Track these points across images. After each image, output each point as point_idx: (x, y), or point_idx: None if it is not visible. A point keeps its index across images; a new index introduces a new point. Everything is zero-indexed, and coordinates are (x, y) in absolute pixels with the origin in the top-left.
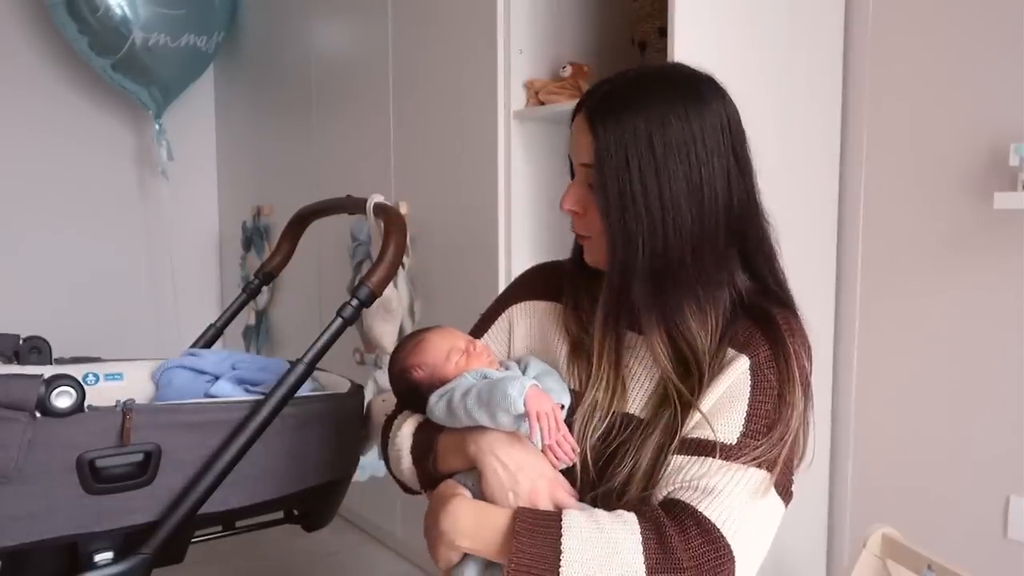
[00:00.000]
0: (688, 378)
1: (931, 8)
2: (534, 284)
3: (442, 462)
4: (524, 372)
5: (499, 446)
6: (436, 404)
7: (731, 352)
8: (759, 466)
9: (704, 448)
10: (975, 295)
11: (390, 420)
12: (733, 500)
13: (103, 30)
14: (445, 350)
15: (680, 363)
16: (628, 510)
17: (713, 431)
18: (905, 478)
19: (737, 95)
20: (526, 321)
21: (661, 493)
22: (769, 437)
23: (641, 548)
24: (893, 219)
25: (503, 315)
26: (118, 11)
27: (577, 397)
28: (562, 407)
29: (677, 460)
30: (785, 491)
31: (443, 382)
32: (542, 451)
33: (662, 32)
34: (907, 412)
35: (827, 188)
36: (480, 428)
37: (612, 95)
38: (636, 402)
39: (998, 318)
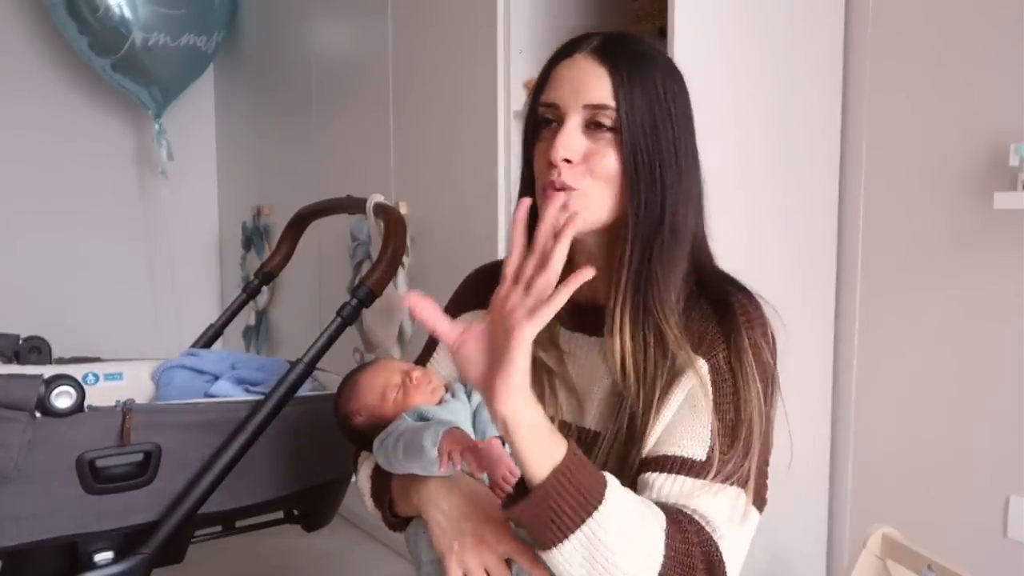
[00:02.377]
0: (641, 381)
1: (931, 8)
2: (479, 292)
3: (398, 507)
4: (470, 394)
5: (440, 496)
6: (377, 452)
7: (686, 353)
8: (733, 483)
9: (672, 465)
10: (975, 295)
11: (355, 459)
12: (720, 526)
13: (103, 30)
14: (379, 390)
15: (635, 361)
16: None
17: (680, 446)
18: (905, 478)
19: (737, 95)
20: None
21: None
22: (735, 450)
23: (664, 532)
24: (893, 219)
25: None
26: (118, 11)
27: None
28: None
29: (646, 477)
30: (760, 499)
31: (385, 423)
32: (491, 488)
33: (662, 32)
34: (907, 412)
35: (827, 188)
36: (421, 476)
37: (624, 41)
38: (592, 413)
39: (998, 318)
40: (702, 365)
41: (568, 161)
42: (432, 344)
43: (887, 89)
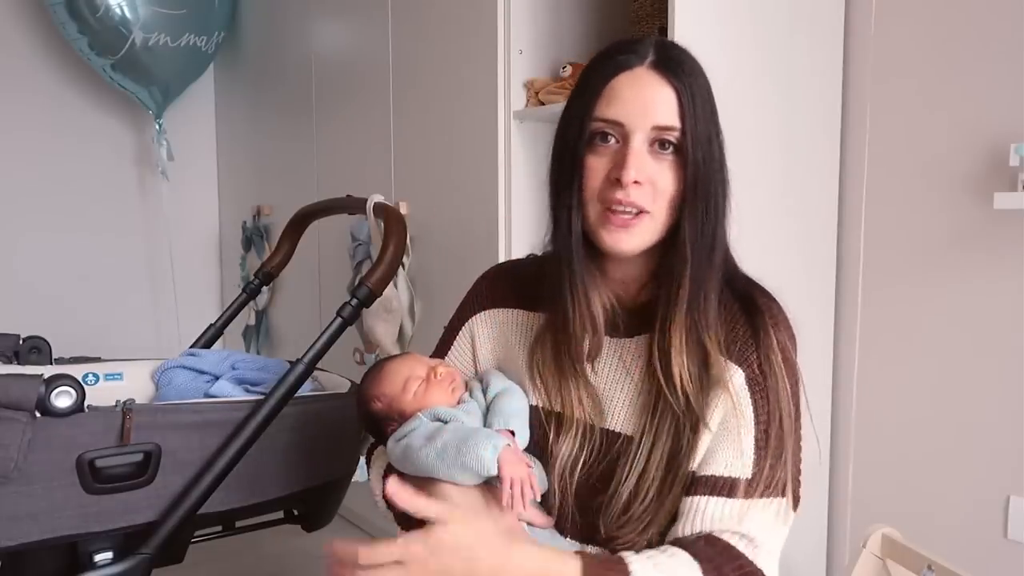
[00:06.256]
0: (688, 393)
1: (932, 8)
2: (495, 290)
3: None
4: (486, 390)
5: (451, 498)
6: (393, 448)
7: (722, 361)
8: (777, 494)
9: (723, 487)
10: (975, 295)
11: (368, 455)
12: (766, 541)
13: (103, 30)
14: (402, 379)
15: (689, 375)
16: (634, 535)
17: (726, 465)
18: (905, 478)
19: (737, 94)
20: (488, 332)
21: (683, 533)
22: (774, 459)
23: None
24: (893, 219)
25: (464, 328)
26: (118, 11)
27: (545, 414)
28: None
29: (695, 501)
30: (796, 500)
31: (401, 413)
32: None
33: (662, 32)
34: (907, 412)
35: (828, 188)
36: (432, 479)
37: (677, 52)
38: (615, 415)
39: (998, 318)
40: (738, 374)
41: (637, 183)
42: (449, 337)
43: (887, 89)
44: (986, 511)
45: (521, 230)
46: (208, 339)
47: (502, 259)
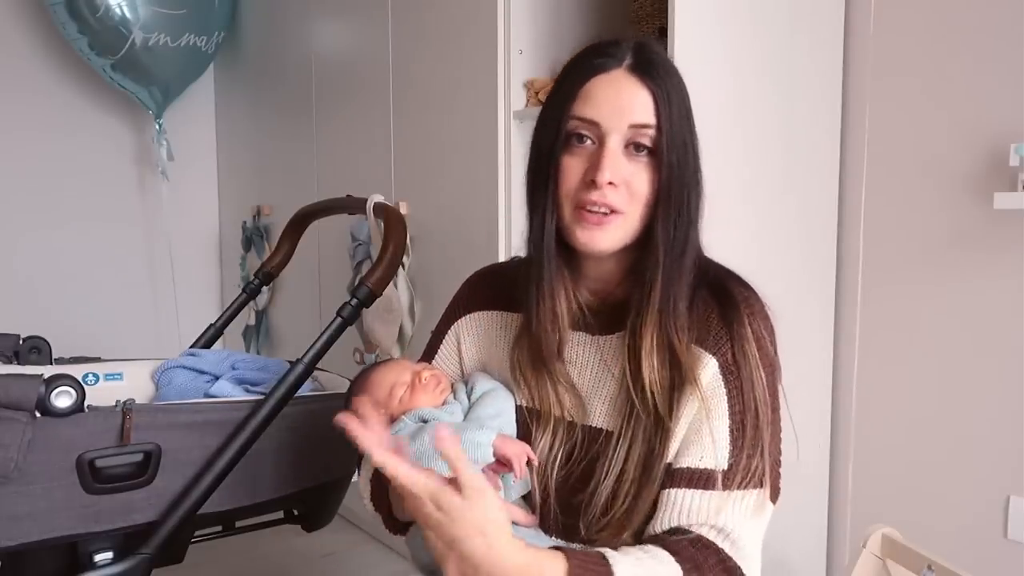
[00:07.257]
0: (659, 392)
1: (931, 8)
2: (479, 293)
3: (396, 510)
4: (471, 392)
5: None
6: None
7: (696, 350)
8: (754, 485)
9: (700, 479)
10: (975, 295)
11: (359, 458)
12: (744, 534)
13: (103, 30)
14: (388, 386)
15: (659, 377)
16: (612, 536)
17: (702, 457)
18: (905, 478)
19: (738, 95)
20: (473, 334)
21: (660, 527)
22: (750, 449)
23: None
24: (893, 219)
25: (450, 331)
26: (118, 11)
27: (528, 413)
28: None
29: (671, 494)
30: (775, 491)
31: (388, 419)
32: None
33: (662, 32)
34: (907, 412)
35: (828, 188)
36: None
37: (654, 54)
38: (598, 412)
39: (998, 318)
40: (711, 363)
41: (612, 184)
42: (436, 341)
43: (887, 89)
44: (986, 511)
45: (521, 230)
46: (208, 339)
47: (502, 259)
